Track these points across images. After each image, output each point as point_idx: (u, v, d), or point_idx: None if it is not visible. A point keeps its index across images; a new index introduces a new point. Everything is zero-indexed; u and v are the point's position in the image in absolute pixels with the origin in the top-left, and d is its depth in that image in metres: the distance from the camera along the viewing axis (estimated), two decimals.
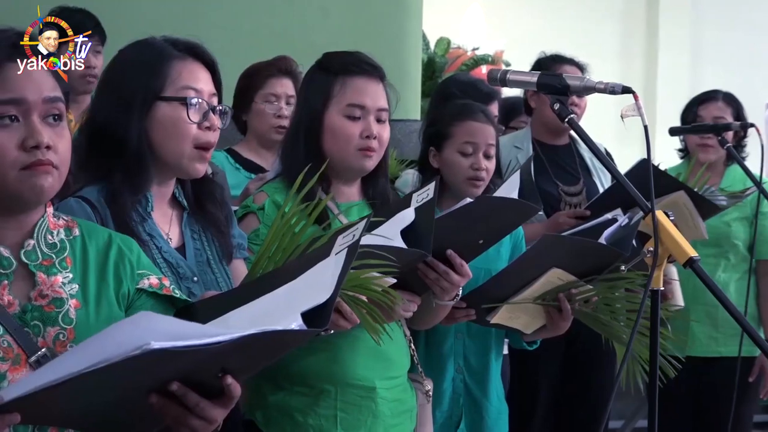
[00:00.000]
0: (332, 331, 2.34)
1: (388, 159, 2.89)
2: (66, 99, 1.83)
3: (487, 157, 3.25)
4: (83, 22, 4.20)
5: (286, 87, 3.90)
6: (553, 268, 2.91)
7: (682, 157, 4.64)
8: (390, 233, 2.39)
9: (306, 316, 1.63)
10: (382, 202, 2.73)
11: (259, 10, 5.52)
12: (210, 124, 2.29)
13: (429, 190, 2.53)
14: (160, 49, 2.31)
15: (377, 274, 2.23)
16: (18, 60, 1.77)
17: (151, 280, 1.94)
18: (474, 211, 2.68)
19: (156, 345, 1.44)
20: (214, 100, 2.32)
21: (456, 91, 3.81)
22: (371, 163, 2.74)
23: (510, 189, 2.97)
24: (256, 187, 3.13)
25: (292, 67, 3.94)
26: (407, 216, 2.46)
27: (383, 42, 5.49)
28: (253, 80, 3.91)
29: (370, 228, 2.19)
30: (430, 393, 2.95)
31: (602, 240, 2.99)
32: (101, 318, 1.84)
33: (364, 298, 2.27)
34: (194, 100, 2.27)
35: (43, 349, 1.76)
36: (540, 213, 3.63)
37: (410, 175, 3.61)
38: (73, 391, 1.52)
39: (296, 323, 1.60)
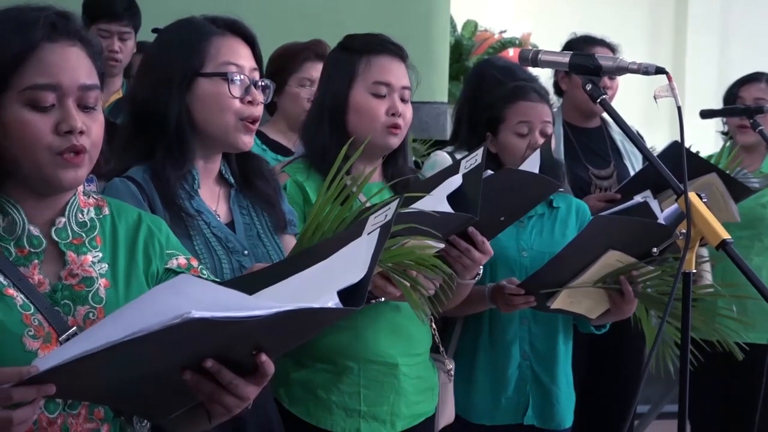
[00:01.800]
0: (382, 299, 2.35)
1: (409, 140, 2.89)
2: (101, 82, 1.82)
3: (544, 135, 3.22)
4: (116, 6, 4.22)
5: (320, 71, 3.89)
6: (610, 250, 2.87)
7: (728, 140, 4.57)
8: (435, 201, 2.40)
9: (340, 295, 1.62)
10: (401, 182, 2.73)
11: None
12: (252, 98, 2.31)
13: (477, 156, 2.55)
14: (199, 26, 2.33)
15: (427, 242, 2.24)
16: (57, 41, 1.76)
17: (180, 260, 1.93)
18: (496, 182, 2.68)
19: (197, 314, 1.42)
20: (256, 75, 2.34)
21: (496, 74, 3.77)
22: (396, 141, 2.75)
23: (530, 167, 2.96)
24: (280, 168, 3.14)
25: (326, 51, 3.92)
26: (454, 182, 2.47)
27: (411, 24, 5.48)
28: (287, 63, 3.90)
29: (404, 206, 2.18)
30: (452, 372, 2.97)
31: (661, 220, 2.96)
32: (131, 297, 1.83)
33: (411, 274, 2.26)
34: (235, 75, 2.29)
35: (73, 328, 1.75)
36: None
37: (439, 156, 3.60)
38: (106, 364, 1.50)
39: (332, 302, 1.59)
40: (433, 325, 2.91)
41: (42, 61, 1.75)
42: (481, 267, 2.76)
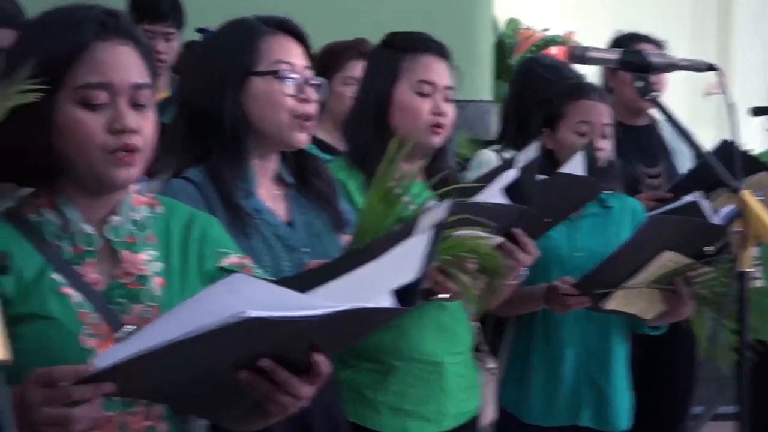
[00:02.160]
0: (440, 297, 2.35)
1: (453, 139, 2.88)
2: (153, 80, 1.83)
3: (603, 136, 3.20)
4: (163, 4, 4.23)
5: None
6: (665, 251, 2.85)
7: None
8: (490, 195, 2.40)
9: (394, 294, 1.61)
10: (443, 182, 2.73)
11: None
12: (306, 95, 2.31)
13: (532, 150, 2.56)
14: (250, 26, 2.34)
15: (483, 234, 2.24)
16: (108, 40, 1.77)
17: (232, 259, 1.93)
18: (546, 186, 2.67)
19: (253, 314, 1.41)
20: (308, 73, 2.34)
21: (543, 72, 3.75)
22: (439, 141, 2.74)
23: (573, 167, 2.94)
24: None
25: (370, 49, 3.91)
26: (509, 175, 2.47)
27: (454, 22, 5.47)
28: (331, 62, 3.89)
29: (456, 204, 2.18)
30: (494, 372, 2.96)
31: (719, 221, 2.93)
32: (185, 295, 1.82)
33: (467, 266, 2.26)
34: (288, 73, 2.30)
35: (128, 326, 1.76)
36: None
37: (485, 155, 3.59)
38: (162, 363, 1.50)
39: (387, 301, 1.58)
40: (476, 324, 2.90)
41: (94, 59, 1.75)
42: (526, 269, 2.75)
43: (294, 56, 2.33)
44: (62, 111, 1.74)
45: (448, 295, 2.42)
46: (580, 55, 2.44)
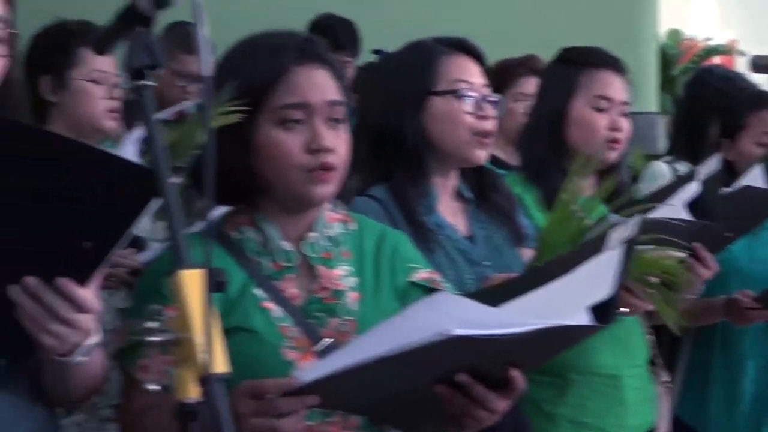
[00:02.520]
0: (626, 311, 2.36)
1: (628, 154, 2.87)
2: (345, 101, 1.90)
3: None
4: (341, 34, 4.34)
5: (534, 86, 3.89)
6: None
7: None
8: (674, 210, 2.39)
9: (590, 311, 1.62)
10: (616, 195, 2.72)
11: (502, 7, 5.58)
12: (484, 113, 2.35)
13: (713, 163, 2.53)
14: (428, 47, 2.40)
15: (674, 252, 2.23)
16: (305, 64, 1.85)
17: (422, 274, 1.97)
18: (730, 199, 2.64)
19: (458, 332, 1.45)
20: (486, 90, 2.38)
21: (716, 83, 3.69)
22: (615, 156, 2.73)
23: (753, 179, 2.88)
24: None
25: (541, 66, 3.93)
26: (691, 189, 2.45)
27: (618, 34, 5.44)
28: (503, 79, 3.92)
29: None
30: (668, 385, 2.93)
31: None
32: (379, 309, 1.88)
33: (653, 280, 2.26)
34: (467, 92, 2.33)
35: (326, 339, 1.81)
36: None
37: (656, 167, 3.56)
38: (365, 377, 1.55)
39: (584, 318, 1.59)
40: (650, 336, 2.87)
41: (292, 82, 1.83)
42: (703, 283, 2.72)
43: (472, 75, 2.37)
44: (262, 132, 1.82)
45: (627, 310, 2.41)
46: (764, 64, 2.41)
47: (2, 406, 1.64)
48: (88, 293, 1.52)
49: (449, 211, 2.41)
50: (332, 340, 1.81)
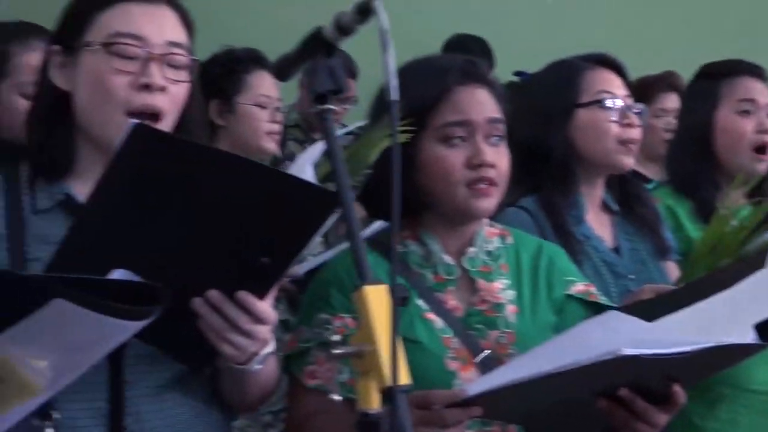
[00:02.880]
0: None
1: None
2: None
3: None
4: (475, 53, 4.38)
5: (674, 102, 3.93)
6: None
7: None
8: None
9: (755, 329, 1.63)
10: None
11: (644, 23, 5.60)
12: (629, 121, 2.40)
13: None
14: (571, 63, 2.47)
15: None
16: (467, 84, 1.91)
17: (579, 287, 2.01)
18: None
19: (628, 352, 1.48)
20: (629, 101, 2.43)
21: None
22: (763, 168, 2.72)
23: None
24: None
25: (680, 82, 3.95)
26: None
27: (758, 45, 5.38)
28: (642, 95, 3.92)
29: None
30: None
31: None
32: (537, 322, 1.92)
33: None
34: (610, 102, 2.39)
35: (487, 351, 1.86)
36: None
37: None
38: (530, 390, 1.59)
39: (749, 336, 1.60)
40: None
41: (454, 101, 1.90)
42: None
43: (614, 86, 2.43)
44: (426, 149, 1.89)
45: None
46: None
47: (182, 410, 1.73)
48: (266, 305, 1.59)
49: (596, 222, 2.45)
50: (490, 351, 1.86)
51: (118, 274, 1.43)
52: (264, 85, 3.08)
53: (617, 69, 2.46)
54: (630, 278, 2.38)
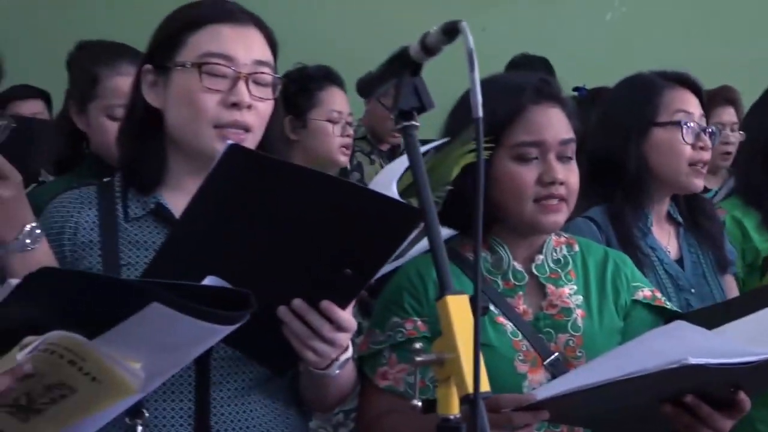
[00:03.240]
0: None
1: None
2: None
3: None
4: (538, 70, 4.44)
5: (731, 116, 3.98)
6: None
7: None
8: None
9: None
10: None
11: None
12: (703, 143, 2.46)
13: None
14: (650, 81, 2.53)
15: None
16: (541, 104, 1.98)
17: (645, 292, 2.06)
18: None
19: (693, 360, 1.54)
20: (704, 122, 2.49)
21: None
22: None
23: None
24: None
25: (736, 96, 4.00)
26: None
27: None
28: None
29: None
30: None
31: None
32: (604, 326, 1.99)
33: None
34: (687, 123, 2.44)
35: (555, 354, 1.92)
36: None
37: None
38: (598, 395, 1.64)
39: None
40: None
41: (528, 120, 1.97)
42: None
43: (691, 107, 2.49)
44: (500, 165, 1.96)
45: None
46: None
47: (264, 411, 1.81)
48: (347, 314, 1.66)
49: (661, 233, 2.51)
50: (559, 354, 1.92)
51: (209, 280, 1.50)
52: (335, 100, 3.22)
53: (695, 89, 2.52)
54: (691, 292, 2.44)
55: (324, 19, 5.97)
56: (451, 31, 1.36)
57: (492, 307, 1.94)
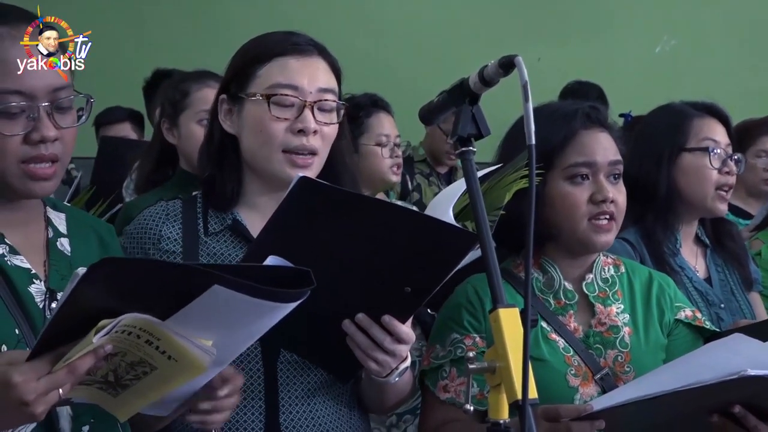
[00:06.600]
0: None
1: None
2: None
3: None
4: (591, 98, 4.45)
5: None
6: None
7: None
8: None
9: None
10: None
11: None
12: (729, 169, 2.51)
13: None
14: (680, 110, 2.57)
15: None
16: (591, 128, 2.02)
17: (686, 312, 2.08)
18: None
19: (752, 372, 1.55)
20: (730, 149, 2.53)
21: None
22: None
23: None
24: (747, 235, 3.21)
25: None
26: None
27: None
28: (746, 137, 3.97)
29: None
30: None
31: None
32: (650, 343, 2.00)
33: None
34: (714, 150, 2.49)
35: (605, 369, 1.94)
36: None
37: None
38: (652, 406, 1.65)
39: None
40: None
41: (580, 143, 2.00)
42: None
43: (719, 135, 2.52)
44: (553, 187, 1.98)
45: None
46: None
47: (329, 411, 1.85)
48: (407, 328, 1.70)
49: (690, 253, 2.54)
50: (608, 369, 1.93)
51: (271, 260, 1.51)
52: (383, 125, 3.33)
53: (723, 119, 2.55)
54: (720, 307, 2.46)
55: (385, 48, 6.10)
56: (507, 65, 1.40)
57: (544, 324, 1.96)
